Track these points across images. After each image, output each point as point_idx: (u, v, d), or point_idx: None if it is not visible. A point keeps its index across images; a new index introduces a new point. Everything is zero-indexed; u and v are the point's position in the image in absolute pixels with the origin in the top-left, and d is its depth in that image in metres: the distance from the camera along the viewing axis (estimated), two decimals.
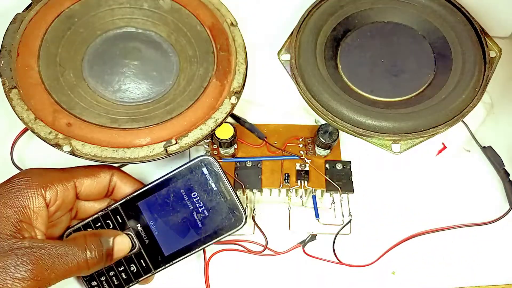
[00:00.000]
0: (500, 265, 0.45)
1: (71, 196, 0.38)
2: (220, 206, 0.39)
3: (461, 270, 0.45)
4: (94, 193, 0.40)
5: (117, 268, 0.39)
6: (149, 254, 0.39)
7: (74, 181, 0.38)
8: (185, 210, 0.39)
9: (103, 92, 0.44)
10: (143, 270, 0.39)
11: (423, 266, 0.45)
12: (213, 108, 0.42)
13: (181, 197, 0.39)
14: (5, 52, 0.41)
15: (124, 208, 0.39)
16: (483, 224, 0.46)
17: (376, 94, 0.45)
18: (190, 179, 0.39)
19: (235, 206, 0.39)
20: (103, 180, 0.40)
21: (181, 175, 0.39)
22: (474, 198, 0.48)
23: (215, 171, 0.39)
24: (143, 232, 0.39)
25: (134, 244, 0.39)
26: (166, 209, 0.39)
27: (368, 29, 0.48)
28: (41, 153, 0.46)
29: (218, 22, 0.46)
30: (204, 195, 0.39)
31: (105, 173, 0.40)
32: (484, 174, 0.49)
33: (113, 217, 0.39)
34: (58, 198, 0.37)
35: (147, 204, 0.39)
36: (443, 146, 0.49)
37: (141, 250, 0.39)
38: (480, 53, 0.45)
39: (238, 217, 0.39)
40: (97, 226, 0.39)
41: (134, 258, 0.39)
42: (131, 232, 0.39)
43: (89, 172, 0.40)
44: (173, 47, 0.46)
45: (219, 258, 0.43)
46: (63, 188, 0.37)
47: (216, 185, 0.39)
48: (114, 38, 0.46)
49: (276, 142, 0.47)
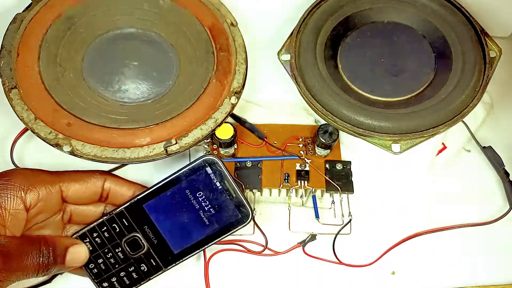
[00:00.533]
0: (500, 265, 0.45)
1: (55, 199, 0.38)
2: (226, 203, 0.39)
3: (461, 270, 0.45)
4: (83, 197, 0.40)
5: (127, 269, 0.40)
6: (158, 253, 0.40)
7: (59, 184, 0.38)
8: (192, 209, 0.39)
9: (103, 92, 0.44)
10: (154, 269, 0.40)
11: (423, 266, 0.45)
12: (213, 108, 0.42)
13: (186, 197, 0.39)
14: (5, 52, 0.41)
15: (130, 211, 0.39)
16: (483, 224, 0.46)
17: (376, 94, 0.45)
18: (194, 179, 0.39)
19: (241, 203, 0.39)
20: (93, 186, 0.40)
21: (185, 176, 0.39)
22: (474, 198, 0.48)
23: (219, 170, 0.39)
24: (150, 233, 0.39)
25: (143, 245, 0.39)
26: (172, 209, 0.39)
27: (368, 29, 0.48)
28: (41, 153, 0.46)
29: (218, 22, 0.46)
30: (210, 194, 0.39)
31: (96, 178, 0.40)
32: (484, 174, 0.49)
33: (118, 220, 0.39)
34: (39, 201, 0.37)
35: (153, 206, 0.39)
36: (443, 146, 0.49)
37: (150, 250, 0.40)
38: (480, 53, 0.45)
39: (245, 213, 0.39)
40: (103, 231, 0.39)
41: (144, 258, 0.40)
42: (139, 233, 0.39)
43: (78, 177, 0.40)
44: (173, 47, 0.46)
45: (219, 258, 0.43)
46: (46, 191, 0.37)
47: (221, 183, 0.39)
48: (114, 38, 0.46)
49: (276, 142, 0.46)
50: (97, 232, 0.39)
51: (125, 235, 0.39)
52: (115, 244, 0.40)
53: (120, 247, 0.39)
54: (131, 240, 0.40)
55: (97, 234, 0.39)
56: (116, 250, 0.40)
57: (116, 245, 0.40)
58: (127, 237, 0.39)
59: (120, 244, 0.39)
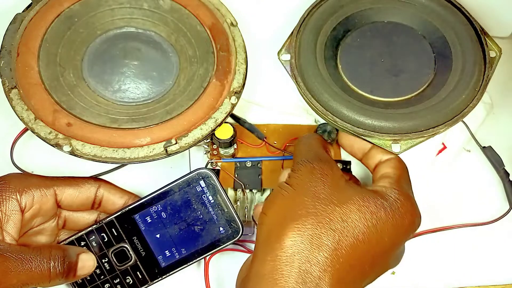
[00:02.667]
0: (500, 265, 0.45)
1: (50, 203, 0.38)
2: (217, 218, 0.39)
3: (461, 270, 0.45)
4: (76, 203, 0.40)
5: (112, 281, 0.39)
6: (145, 266, 0.39)
7: (54, 188, 0.38)
8: (182, 222, 0.39)
9: (103, 92, 0.44)
10: (139, 282, 0.39)
11: (423, 266, 0.45)
12: (213, 108, 0.42)
13: (178, 210, 0.39)
14: (5, 52, 0.41)
15: (120, 221, 0.39)
16: (483, 224, 0.46)
17: (376, 94, 0.45)
18: (187, 192, 0.39)
19: (232, 218, 0.39)
20: (87, 192, 0.40)
21: (178, 188, 0.39)
22: (474, 198, 0.48)
23: (212, 183, 0.39)
24: (139, 244, 0.39)
25: (130, 256, 0.39)
26: (163, 222, 0.39)
27: (368, 29, 0.48)
28: (41, 153, 0.46)
29: (218, 22, 0.46)
30: (202, 207, 0.39)
31: (90, 184, 0.40)
32: (484, 174, 0.49)
33: (108, 230, 0.39)
34: (34, 203, 0.37)
35: (143, 217, 0.39)
36: (443, 146, 0.49)
37: (137, 262, 0.39)
38: (480, 53, 0.45)
39: (235, 229, 0.39)
40: (91, 239, 0.39)
41: (130, 270, 0.39)
42: (127, 244, 0.39)
43: (73, 182, 0.40)
44: (173, 47, 0.46)
45: (219, 258, 0.43)
46: (41, 194, 0.37)
47: (214, 197, 0.39)
48: (114, 38, 0.46)
49: (276, 142, 0.47)
50: (85, 241, 0.39)
51: (113, 245, 0.39)
52: (102, 255, 0.39)
53: (107, 257, 0.39)
54: (119, 251, 0.39)
55: (85, 243, 0.39)
56: (103, 260, 0.39)
57: (103, 255, 0.39)
58: (115, 247, 0.39)
59: (107, 254, 0.39)
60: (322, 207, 0.33)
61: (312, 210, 0.32)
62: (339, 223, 0.32)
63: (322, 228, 0.32)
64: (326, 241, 0.31)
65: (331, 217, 0.32)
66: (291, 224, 0.32)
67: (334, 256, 0.31)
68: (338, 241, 0.31)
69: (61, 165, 0.45)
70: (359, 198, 0.33)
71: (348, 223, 0.32)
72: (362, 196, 0.34)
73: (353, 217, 0.32)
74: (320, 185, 0.34)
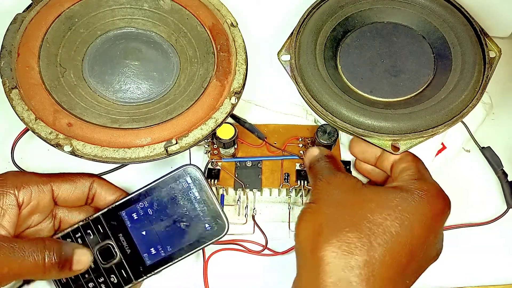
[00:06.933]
0: (499, 265, 0.46)
1: (47, 199, 0.38)
2: (203, 215, 0.39)
3: (461, 270, 0.45)
4: (72, 198, 0.40)
5: (97, 280, 0.39)
6: (130, 264, 0.39)
7: (51, 184, 0.39)
8: (168, 219, 0.39)
9: (103, 92, 0.44)
10: (124, 281, 0.39)
11: None
12: (213, 108, 0.42)
13: (164, 206, 0.39)
14: (5, 52, 0.41)
15: (106, 218, 0.39)
16: (481, 224, 0.46)
17: (375, 95, 0.46)
18: (173, 188, 0.39)
19: (218, 215, 0.39)
20: (82, 187, 0.40)
21: (164, 184, 0.39)
22: (472, 198, 0.48)
23: (198, 180, 0.39)
24: (125, 241, 0.39)
25: (115, 254, 0.39)
26: (149, 218, 0.39)
27: (367, 30, 0.48)
28: (42, 153, 0.46)
29: (219, 22, 0.46)
30: (188, 204, 0.39)
31: (84, 179, 0.41)
32: (482, 174, 0.49)
33: (94, 227, 0.39)
34: (32, 199, 0.37)
35: (130, 214, 0.39)
36: (442, 146, 0.49)
37: (122, 260, 0.39)
38: (480, 54, 0.46)
39: (221, 226, 0.39)
40: (77, 237, 0.39)
41: (115, 268, 0.39)
42: (113, 241, 0.39)
43: (68, 177, 0.40)
44: (174, 48, 0.46)
45: (218, 258, 0.44)
46: (38, 190, 0.38)
47: (200, 193, 0.39)
48: (115, 38, 0.46)
49: (276, 142, 0.47)
50: (71, 238, 0.39)
51: (99, 242, 0.39)
52: None
53: (92, 256, 0.38)
54: (104, 248, 0.39)
55: (71, 240, 0.39)
56: None
57: None
58: (100, 245, 0.39)
59: (92, 252, 0.38)
60: (346, 213, 0.34)
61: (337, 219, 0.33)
62: (365, 225, 0.33)
63: (349, 232, 0.32)
64: (356, 245, 0.32)
65: (355, 221, 0.33)
66: (319, 237, 0.33)
67: (368, 257, 0.32)
68: (369, 242, 0.32)
69: (61, 165, 0.45)
70: (379, 197, 0.34)
71: (374, 223, 0.33)
72: (381, 194, 0.35)
73: (377, 216, 0.33)
74: (340, 194, 0.35)
